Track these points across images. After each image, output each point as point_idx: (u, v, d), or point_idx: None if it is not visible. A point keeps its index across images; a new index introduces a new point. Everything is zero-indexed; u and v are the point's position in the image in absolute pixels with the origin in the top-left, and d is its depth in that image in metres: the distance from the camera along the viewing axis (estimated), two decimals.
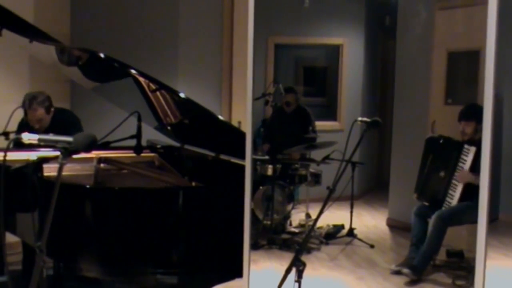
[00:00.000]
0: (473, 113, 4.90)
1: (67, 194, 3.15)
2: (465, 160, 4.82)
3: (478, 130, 4.84)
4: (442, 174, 4.97)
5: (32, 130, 4.41)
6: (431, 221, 4.83)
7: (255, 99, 3.23)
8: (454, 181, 4.86)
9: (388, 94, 7.99)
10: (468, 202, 4.68)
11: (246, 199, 3.05)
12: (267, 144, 6.69)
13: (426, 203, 5.06)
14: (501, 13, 2.25)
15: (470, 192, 4.66)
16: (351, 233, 6.02)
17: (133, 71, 3.56)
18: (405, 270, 4.83)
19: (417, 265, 4.84)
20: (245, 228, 3.05)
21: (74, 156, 2.25)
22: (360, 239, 5.92)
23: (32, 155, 4.04)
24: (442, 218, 4.78)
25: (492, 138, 2.31)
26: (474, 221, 2.37)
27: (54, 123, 4.56)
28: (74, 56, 4.28)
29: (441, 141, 5.10)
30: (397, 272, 4.97)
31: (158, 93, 3.85)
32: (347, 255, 5.60)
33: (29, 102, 4.45)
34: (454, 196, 4.82)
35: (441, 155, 5.05)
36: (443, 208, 4.86)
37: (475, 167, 4.64)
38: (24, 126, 4.58)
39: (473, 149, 4.75)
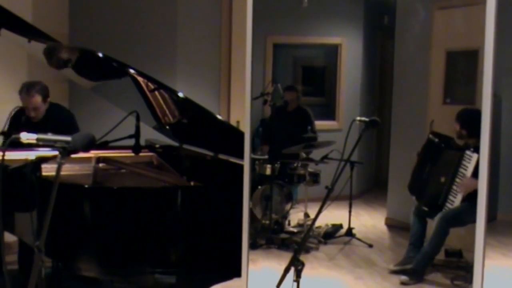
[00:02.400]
0: (460, 116, 4.87)
1: (66, 194, 3.15)
2: (467, 167, 4.79)
3: (463, 134, 4.82)
4: (442, 179, 4.94)
5: (28, 120, 4.42)
6: (435, 222, 4.81)
7: (253, 98, 3.22)
8: (454, 187, 4.84)
9: (387, 93, 7.97)
10: (470, 202, 4.66)
11: (245, 199, 3.05)
12: (266, 146, 6.69)
13: (425, 208, 5.04)
14: (500, 12, 2.26)
15: (472, 194, 4.64)
16: (349, 232, 6.02)
17: (131, 71, 3.56)
18: (403, 278, 4.82)
19: (417, 267, 4.83)
20: (244, 228, 3.05)
21: (73, 156, 2.25)
22: (358, 239, 5.92)
23: (30, 155, 4.04)
24: (445, 219, 4.76)
25: (491, 138, 2.31)
26: (475, 221, 2.37)
27: (49, 118, 4.54)
28: (62, 59, 4.29)
29: (442, 145, 5.07)
30: (396, 272, 4.96)
31: (156, 92, 3.85)
32: (345, 254, 5.60)
33: (27, 89, 4.46)
34: (455, 202, 4.79)
35: (442, 160, 5.03)
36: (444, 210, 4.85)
37: (477, 174, 4.60)
38: (19, 117, 4.56)
39: (475, 156, 4.70)
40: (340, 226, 6.20)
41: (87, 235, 3.24)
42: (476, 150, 4.70)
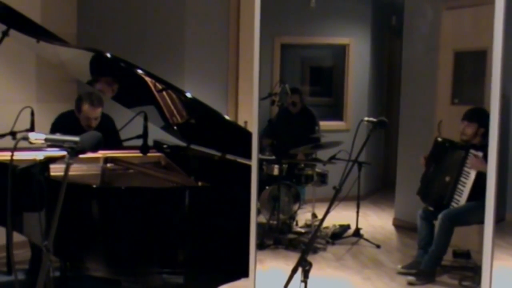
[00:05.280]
0: (476, 116, 4.87)
1: (74, 194, 3.16)
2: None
3: (478, 134, 4.82)
4: (447, 178, 4.93)
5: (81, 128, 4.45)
6: (438, 221, 4.81)
7: (261, 99, 3.22)
8: (460, 186, 4.83)
9: (395, 94, 7.98)
10: (474, 202, 4.65)
11: (252, 199, 3.05)
12: (268, 139, 6.65)
13: (431, 208, 5.03)
14: (508, 13, 2.25)
15: (477, 193, 4.64)
16: (357, 233, 6.02)
17: (139, 71, 3.56)
18: (410, 278, 4.82)
19: (424, 267, 4.82)
20: (252, 228, 3.05)
21: (81, 156, 2.25)
22: (366, 239, 5.92)
23: (39, 155, 4.05)
24: (448, 217, 4.77)
25: (499, 138, 2.30)
26: (481, 221, 2.37)
27: (101, 126, 4.58)
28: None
29: (447, 144, 5.07)
30: (403, 272, 4.96)
31: (164, 93, 3.85)
32: (353, 255, 5.59)
33: (91, 100, 4.50)
34: (460, 201, 4.79)
35: (447, 159, 5.02)
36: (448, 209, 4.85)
37: (481, 172, 4.61)
38: (65, 124, 4.58)
39: (480, 155, 4.70)
40: (347, 227, 6.20)
41: (95, 235, 3.24)
42: (481, 148, 4.73)
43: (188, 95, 3.73)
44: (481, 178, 4.62)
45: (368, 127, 3.42)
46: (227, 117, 4.13)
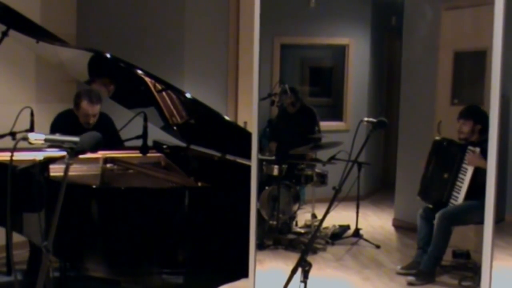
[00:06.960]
0: (472, 113, 4.90)
1: (74, 194, 3.16)
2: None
3: (475, 130, 4.84)
4: (445, 176, 4.94)
5: (79, 127, 4.46)
6: (436, 220, 4.81)
7: (261, 99, 3.22)
8: (458, 183, 4.84)
9: (394, 94, 7.98)
10: (472, 201, 4.65)
11: (252, 199, 3.05)
12: (274, 143, 6.71)
13: (430, 206, 5.03)
14: (508, 13, 2.25)
15: (475, 191, 4.64)
16: (357, 233, 6.02)
17: (139, 72, 3.56)
18: (410, 278, 4.82)
19: (424, 268, 4.83)
20: (251, 228, 3.05)
21: (81, 156, 2.25)
22: (366, 240, 5.92)
23: (38, 155, 4.05)
24: (446, 217, 4.77)
25: (498, 138, 2.30)
26: (479, 221, 2.37)
27: (100, 124, 4.58)
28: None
29: (444, 143, 5.08)
30: (403, 273, 4.96)
31: (164, 93, 3.85)
32: (353, 255, 5.59)
33: (89, 97, 4.50)
34: (459, 198, 4.80)
35: (445, 157, 5.03)
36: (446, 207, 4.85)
37: (480, 168, 4.63)
38: (64, 123, 4.58)
39: (477, 150, 4.73)
40: (347, 227, 6.20)
41: (95, 236, 3.24)
42: (478, 145, 4.75)
43: (188, 95, 3.73)
44: (479, 175, 4.64)
45: (367, 127, 3.42)
46: (226, 118, 4.13)
